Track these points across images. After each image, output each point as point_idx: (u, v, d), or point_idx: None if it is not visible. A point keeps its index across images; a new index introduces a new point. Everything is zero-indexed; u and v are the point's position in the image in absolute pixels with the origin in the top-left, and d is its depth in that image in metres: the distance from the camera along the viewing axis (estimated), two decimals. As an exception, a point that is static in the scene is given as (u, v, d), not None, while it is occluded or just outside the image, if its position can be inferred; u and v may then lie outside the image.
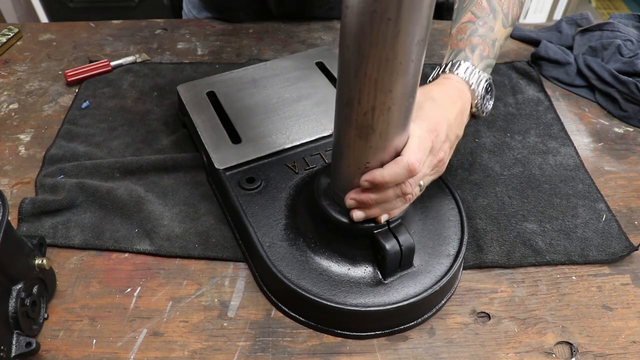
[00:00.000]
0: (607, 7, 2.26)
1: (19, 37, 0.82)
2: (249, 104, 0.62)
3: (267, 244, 0.49)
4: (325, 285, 0.46)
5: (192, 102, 0.62)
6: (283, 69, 0.67)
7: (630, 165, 0.65)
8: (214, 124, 0.59)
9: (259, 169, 0.55)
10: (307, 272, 0.47)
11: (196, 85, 0.64)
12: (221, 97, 0.63)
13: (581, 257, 0.53)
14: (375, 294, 0.46)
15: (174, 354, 0.46)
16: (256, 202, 0.52)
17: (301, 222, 0.50)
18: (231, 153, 0.56)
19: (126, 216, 0.55)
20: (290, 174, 0.55)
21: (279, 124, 0.59)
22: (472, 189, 0.60)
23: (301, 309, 0.47)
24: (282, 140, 0.58)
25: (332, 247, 0.48)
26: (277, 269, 0.47)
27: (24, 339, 0.42)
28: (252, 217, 0.51)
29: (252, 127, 0.59)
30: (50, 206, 0.55)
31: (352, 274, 0.47)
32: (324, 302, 0.45)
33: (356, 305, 0.45)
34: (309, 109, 0.62)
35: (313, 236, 0.49)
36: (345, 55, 0.36)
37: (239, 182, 0.53)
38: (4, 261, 0.41)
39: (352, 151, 0.41)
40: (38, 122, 0.67)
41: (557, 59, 0.76)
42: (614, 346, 0.47)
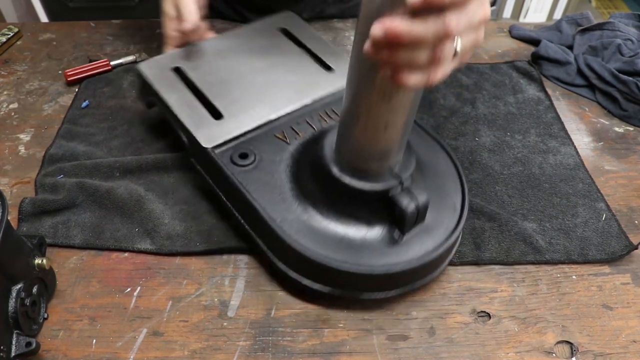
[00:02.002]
0: (607, 7, 2.26)
1: (19, 36, 0.82)
2: (222, 76, 0.59)
3: (278, 220, 0.47)
4: (348, 251, 0.46)
5: (159, 80, 0.58)
6: (247, 39, 0.64)
7: (630, 165, 0.65)
8: (189, 101, 0.56)
9: (248, 144, 0.53)
10: (327, 241, 0.47)
11: (159, 61, 0.61)
12: (189, 72, 0.59)
13: (581, 256, 0.53)
14: (397, 252, 0.47)
15: (174, 353, 0.46)
16: (254, 178, 0.50)
17: (308, 192, 0.49)
18: (216, 130, 0.53)
19: (126, 215, 0.55)
20: (281, 144, 0.53)
21: (258, 95, 0.57)
22: (471, 187, 0.60)
23: (328, 278, 0.47)
24: (266, 112, 0.55)
25: (346, 213, 0.48)
26: (298, 243, 0.46)
27: (23, 338, 0.42)
28: (256, 194, 0.49)
29: (231, 101, 0.56)
30: (50, 206, 0.55)
31: (370, 236, 0.47)
32: (352, 268, 0.45)
33: (383, 266, 0.45)
34: (283, 76, 0.60)
35: (324, 205, 0.48)
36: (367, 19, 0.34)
37: (232, 159, 0.51)
38: (4, 261, 0.41)
39: (373, 114, 0.40)
40: (38, 122, 0.67)
41: (558, 58, 0.76)
42: (614, 345, 0.47)
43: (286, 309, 0.49)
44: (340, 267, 0.45)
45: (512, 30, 0.86)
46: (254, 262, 0.53)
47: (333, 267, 0.45)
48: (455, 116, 0.69)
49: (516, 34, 0.85)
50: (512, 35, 0.85)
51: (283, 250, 0.48)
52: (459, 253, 0.53)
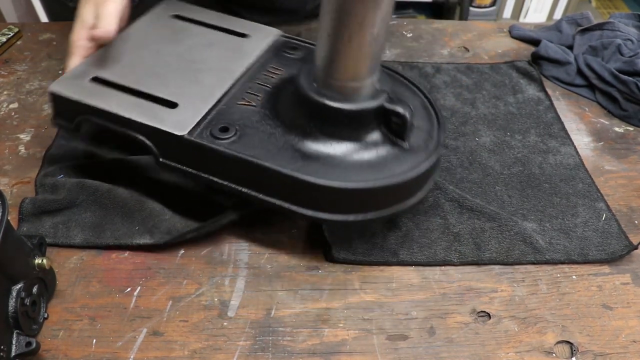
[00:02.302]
0: (607, 7, 2.26)
1: (19, 36, 0.82)
2: (148, 69, 0.56)
3: (289, 169, 0.47)
4: (366, 172, 0.48)
5: (85, 94, 0.52)
6: (148, 32, 0.62)
7: (630, 165, 0.65)
8: (133, 102, 0.52)
9: (220, 119, 0.51)
10: (342, 170, 0.48)
11: (72, 77, 0.54)
12: (111, 76, 0.54)
13: (581, 256, 0.53)
14: (407, 160, 0.49)
15: (174, 353, 0.46)
16: (245, 144, 0.49)
17: (305, 135, 0.49)
18: (180, 118, 0.50)
19: (127, 215, 0.55)
20: (249, 109, 0.52)
21: (196, 75, 0.56)
22: (471, 187, 0.60)
23: (354, 204, 0.48)
24: (215, 87, 0.54)
25: (349, 139, 0.49)
26: (323, 179, 0.46)
27: (24, 338, 0.42)
28: (258, 156, 0.48)
29: (175, 88, 0.54)
30: (51, 206, 0.55)
31: (381, 153, 0.49)
32: (384, 182, 0.47)
33: (401, 174, 0.48)
34: (208, 53, 0.58)
35: (325, 138, 0.49)
36: None
37: (215, 136, 0.49)
38: (4, 261, 0.41)
39: (363, 24, 0.43)
40: (38, 122, 0.67)
41: (558, 58, 0.76)
42: (614, 345, 0.47)
43: (286, 309, 0.49)
44: (376, 185, 0.47)
45: (512, 30, 0.86)
46: (254, 262, 0.53)
47: (359, 191, 0.47)
48: (455, 116, 0.69)
49: (516, 34, 0.85)
50: (512, 35, 0.86)
51: (311, 194, 0.48)
52: (459, 253, 0.53)
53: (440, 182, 0.59)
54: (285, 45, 0.61)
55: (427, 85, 0.74)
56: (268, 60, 0.59)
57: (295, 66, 0.57)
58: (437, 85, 0.74)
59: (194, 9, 0.66)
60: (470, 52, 0.82)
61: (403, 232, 0.55)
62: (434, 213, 0.57)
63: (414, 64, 0.77)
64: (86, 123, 0.53)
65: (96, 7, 0.54)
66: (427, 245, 0.54)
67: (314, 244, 0.55)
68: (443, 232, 0.55)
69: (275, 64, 0.58)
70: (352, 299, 0.50)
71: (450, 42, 0.84)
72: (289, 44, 0.62)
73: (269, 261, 0.53)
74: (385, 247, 0.53)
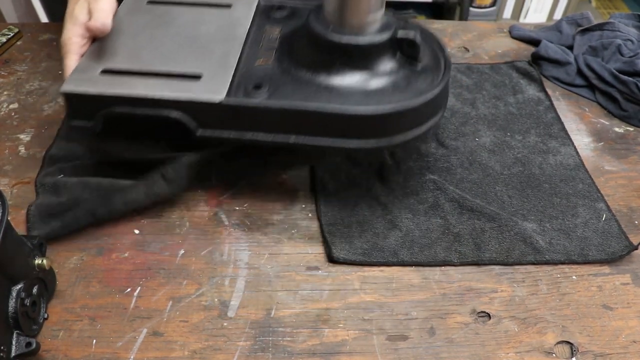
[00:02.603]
0: (607, 7, 2.26)
1: (19, 37, 0.82)
2: (154, 52, 0.55)
3: (332, 104, 0.49)
4: (396, 94, 0.51)
5: (105, 87, 0.51)
6: (131, 21, 0.60)
7: (630, 165, 0.65)
8: (157, 83, 0.52)
9: (246, 81, 0.52)
10: (374, 96, 0.51)
11: (82, 74, 0.53)
12: (121, 64, 0.54)
13: (581, 256, 0.53)
14: (426, 78, 0.53)
15: (174, 353, 0.46)
16: (281, 96, 0.50)
17: (332, 73, 0.52)
18: (210, 87, 0.51)
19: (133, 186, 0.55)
20: (269, 67, 0.54)
21: (203, 48, 0.56)
22: (471, 188, 0.60)
23: (399, 125, 0.51)
24: (228, 53, 0.55)
25: (371, 68, 0.52)
26: (364, 106, 0.49)
27: (23, 339, 0.42)
28: (300, 101, 0.50)
29: (190, 63, 0.54)
30: (56, 208, 0.55)
31: (394, 79, 0.52)
32: (418, 101, 0.50)
33: (422, 94, 0.50)
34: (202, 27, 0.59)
35: (351, 71, 0.52)
36: None
37: (251, 96, 0.50)
38: (4, 261, 0.41)
39: None
40: (38, 122, 0.67)
41: (558, 58, 0.76)
42: (614, 346, 0.47)
43: (286, 309, 0.49)
44: (394, 112, 0.49)
45: (512, 31, 0.86)
46: (254, 262, 0.53)
47: (388, 115, 0.49)
48: (455, 116, 0.69)
49: (516, 34, 0.85)
50: (512, 35, 0.85)
51: (362, 123, 0.50)
52: (459, 253, 0.53)
53: (440, 183, 0.59)
54: (269, 7, 0.63)
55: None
56: (261, 24, 0.60)
57: (288, 23, 0.60)
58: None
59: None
60: (470, 52, 0.82)
61: (403, 232, 0.55)
62: (434, 213, 0.57)
63: (414, 64, 0.77)
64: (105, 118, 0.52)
65: (88, 4, 0.54)
66: (427, 246, 0.54)
67: (314, 244, 0.55)
68: (443, 233, 0.55)
69: (270, 25, 0.60)
70: (352, 299, 0.50)
71: (450, 42, 0.84)
72: (272, 6, 0.63)
73: (269, 261, 0.53)
74: (385, 247, 0.53)
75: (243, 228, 0.56)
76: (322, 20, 0.53)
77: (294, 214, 0.57)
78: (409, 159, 0.63)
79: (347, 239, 0.54)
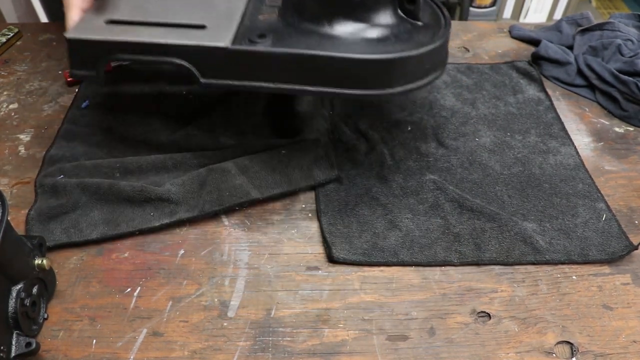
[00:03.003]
0: (607, 7, 2.26)
1: (19, 37, 0.82)
2: (158, 5, 0.54)
3: (335, 51, 0.49)
4: (397, 44, 0.52)
5: (110, 34, 0.51)
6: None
7: (630, 165, 0.65)
8: (163, 30, 0.51)
9: (250, 31, 0.52)
10: (369, 45, 0.52)
11: (87, 23, 0.53)
12: (126, 16, 0.54)
13: (581, 256, 0.53)
14: (427, 33, 0.54)
15: (174, 353, 0.46)
16: (285, 44, 0.51)
17: (336, 22, 0.52)
18: (215, 35, 0.51)
19: (136, 205, 0.55)
20: (273, 19, 0.54)
21: (207, 2, 0.56)
22: (471, 188, 0.60)
23: (400, 75, 0.51)
24: (232, 7, 0.55)
25: (371, 20, 0.53)
26: (368, 54, 0.49)
27: (23, 339, 0.42)
28: (305, 48, 0.50)
29: (195, 14, 0.54)
30: (56, 211, 0.55)
31: (397, 31, 0.53)
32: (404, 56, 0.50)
33: (423, 46, 0.51)
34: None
35: (354, 21, 0.53)
36: None
37: (255, 43, 0.50)
38: (4, 261, 0.41)
39: None
40: (38, 122, 0.67)
41: (558, 58, 0.76)
42: (614, 346, 0.47)
43: (286, 309, 0.49)
44: (418, 52, 0.50)
45: (512, 31, 0.86)
46: (254, 262, 0.53)
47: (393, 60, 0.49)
48: (455, 116, 0.69)
49: (516, 34, 0.85)
50: (512, 35, 0.86)
51: (364, 70, 0.50)
52: (459, 253, 0.53)
53: (440, 183, 0.59)
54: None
55: (427, 85, 0.74)
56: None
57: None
58: (437, 85, 0.74)
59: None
60: (471, 52, 0.82)
61: (403, 232, 0.55)
62: (434, 213, 0.57)
63: (414, 64, 0.77)
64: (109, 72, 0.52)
65: None
66: (427, 246, 0.54)
67: (314, 244, 0.55)
68: (443, 233, 0.55)
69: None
70: (352, 299, 0.50)
71: (450, 42, 0.83)
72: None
73: (269, 261, 0.53)
74: (385, 247, 0.53)
75: (243, 228, 0.56)
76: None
77: (294, 214, 0.57)
78: (409, 159, 0.63)
79: (347, 239, 0.54)
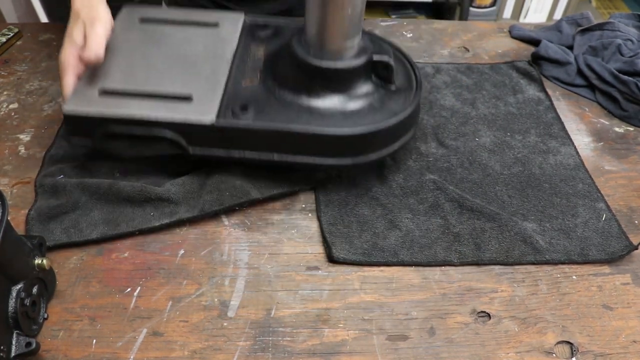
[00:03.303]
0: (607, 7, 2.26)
1: (19, 37, 0.82)
2: (148, 71, 0.58)
3: (313, 126, 0.53)
4: (372, 115, 0.55)
5: (103, 108, 0.53)
6: (125, 39, 0.61)
7: (630, 165, 0.65)
8: (151, 104, 0.54)
9: (233, 101, 0.55)
10: (353, 117, 0.55)
11: (81, 95, 0.55)
12: (117, 85, 0.56)
13: (581, 256, 0.53)
14: (399, 98, 0.57)
15: (174, 353, 0.46)
16: (266, 117, 0.54)
17: (313, 96, 0.55)
18: (201, 108, 0.53)
19: (136, 205, 0.55)
20: (254, 87, 0.57)
21: (193, 67, 0.58)
22: (471, 188, 0.60)
23: (375, 144, 0.55)
24: (216, 73, 0.58)
25: (347, 90, 0.56)
26: (345, 128, 0.53)
27: (23, 339, 0.42)
28: (284, 124, 0.53)
29: (181, 83, 0.56)
30: (56, 211, 0.55)
31: (370, 100, 0.56)
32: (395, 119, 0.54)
33: (395, 115, 0.55)
34: (191, 46, 0.61)
35: (329, 94, 0.55)
36: None
37: (238, 116, 0.53)
38: (4, 261, 0.41)
39: None
40: (38, 122, 0.67)
41: (558, 58, 0.76)
42: (614, 346, 0.47)
43: (286, 309, 0.49)
44: (389, 124, 0.54)
45: (512, 31, 0.86)
46: (254, 262, 0.53)
47: (373, 132, 0.53)
48: (455, 116, 0.69)
49: (516, 34, 0.85)
50: (512, 35, 0.86)
51: (340, 143, 0.54)
52: (459, 253, 0.53)
53: (440, 183, 0.59)
54: (254, 26, 0.66)
55: (427, 85, 0.74)
56: (247, 42, 0.63)
57: (272, 42, 0.63)
58: (437, 85, 0.74)
59: (154, 9, 0.68)
60: (470, 52, 0.82)
61: (403, 232, 0.55)
62: (434, 213, 0.57)
63: (414, 64, 0.77)
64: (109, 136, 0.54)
65: (85, 28, 0.56)
66: (427, 246, 0.54)
67: (314, 244, 0.55)
68: (443, 233, 0.55)
69: (255, 44, 0.63)
70: (352, 299, 0.50)
71: (450, 42, 0.84)
72: (257, 24, 0.66)
73: (269, 261, 0.53)
74: (385, 247, 0.53)
75: (243, 228, 0.56)
76: (303, 44, 0.56)
77: (294, 214, 0.57)
78: (409, 159, 0.63)
79: (347, 239, 0.54)
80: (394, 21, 0.88)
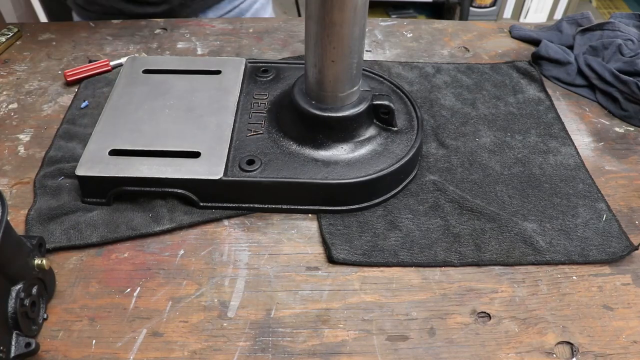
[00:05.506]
0: (607, 7, 2.26)
1: (18, 36, 0.82)
2: (155, 128, 0.59)
3: (319, 178, 0.55)
4: (377, 161, 0.57)
5: (114, 170, 0.54)
6: (131, 93, 0.63)
7: (631, 165, 0.65)
8: (161, 163, 0.55)
9: (240, 155, 0.56)
10: (348, 167, 0.56)
11: (91, 156, 0.56)
12: (127, 145, 0.57)
13: (581, 256, 0.53)
14: (401, 140, 0.59)
15: (173, 354, 0.46)
16: (273, 170, 0.55)
17: (317, 146, 0.57)
18: (209, 164, 0.55)
19: (136, 206, 0.55)
20: (259, 137, 0.58)
21: (199, 120, 0.59)
22: (472, 188, 0.60)
23: (384, 189, 0.57)
24: (222, 126, 0.59)
25: (353, 138, 0.57)
26: (352, 178, 0.55)
27: (23, 339, 0.42)
28: (290, 177, 0.55)
29: (189, 138, 0.57)
30: (55, 212, 0.55)
31: (373, 146, 0.58)
32: (393, 167, 0.56)
33: (398, 160, 0.56)
34: (196, 97, 0.62)
35: (334, 144, 0.57)
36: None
37: (245, 171, 0.55)
38: (4, 261, 0.41)
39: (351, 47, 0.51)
40: (37, 122, 0.67)
41: (558, 58, 0.76)
42: (614, 346, 0.47)
43: (286, 309, 0.49)
44: (387, 170, 0.55)
45: (513, 31, 0.86)
46: (254, 262, 0.53)
47: (372, 180, 0.55)
48: (455, 116, 0.69)
49: (516, 34, 0.85)
50: (513, 35, 0.85)
51: (345, 193, 0.55)
52: (459, 254, 0.53)
53: (440, 183, 0.59)
54: (255, 70, 0.67)
55: (428, 85, 0.74)
56: (250, 89, 0.65)
57: (274, 87, 0.65)
58: (437, 85, 0.74)
59: (157, 59, 0.70)
60: (471, 52, 0.82)
61: (403, 233, 0.55)
62: (434, 214, 0.57)
63: (414, 64, 0.77)
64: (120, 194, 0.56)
65: None
66: (428, 246, 0.54)
67: (314, 245, 0.54)
68: (443, 233, 0.55)
69: (258, 90, 0.65)
70: (352, 299, 0.50)
71: (450, 42, 0.84)
72: (259, 68, 0.67)
73: (269, 261, 0.53)
74: (385, 247, 0.53)
75: (243, 228, 0.56)
76: (305, 94, 0.57)
77: (293, 215, 0.57)
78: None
79: (347, 239, 0.54)
80: (394, 21, 0.88)
